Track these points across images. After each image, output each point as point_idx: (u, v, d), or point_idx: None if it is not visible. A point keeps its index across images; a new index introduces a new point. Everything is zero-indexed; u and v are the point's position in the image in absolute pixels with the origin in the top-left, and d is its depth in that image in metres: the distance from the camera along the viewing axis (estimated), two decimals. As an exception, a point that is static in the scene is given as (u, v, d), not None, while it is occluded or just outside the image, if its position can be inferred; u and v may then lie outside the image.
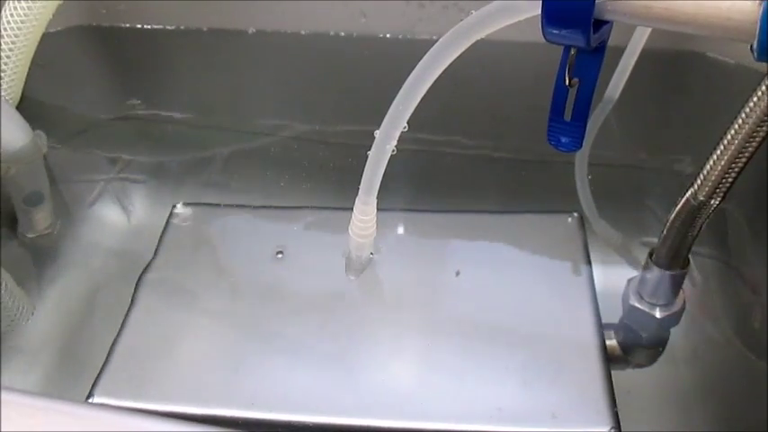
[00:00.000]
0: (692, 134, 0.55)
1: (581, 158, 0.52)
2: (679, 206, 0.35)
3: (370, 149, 0.36)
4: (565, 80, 0.29)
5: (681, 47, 0.54)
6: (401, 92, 0.33)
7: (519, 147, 0.57)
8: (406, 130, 0.33)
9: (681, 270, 0.38)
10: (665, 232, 0.37)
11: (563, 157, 0.52)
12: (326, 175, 0.55)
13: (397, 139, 0.34)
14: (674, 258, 0.37)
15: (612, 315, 0.42)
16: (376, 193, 0.38)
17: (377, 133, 0.34)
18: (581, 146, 0.31)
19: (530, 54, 0.52)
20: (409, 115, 0.33)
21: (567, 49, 0.29)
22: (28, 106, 0.57)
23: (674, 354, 0.43)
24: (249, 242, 0.46)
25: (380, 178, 0.36)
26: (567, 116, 0.31)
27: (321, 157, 0.57)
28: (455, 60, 0.32)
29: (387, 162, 0.35)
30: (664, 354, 0.43)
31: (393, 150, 0.35)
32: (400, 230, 0.46)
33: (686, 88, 0.55)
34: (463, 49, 0.30)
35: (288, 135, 0.59)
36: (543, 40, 0.28)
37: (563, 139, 0.31)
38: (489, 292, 0.42)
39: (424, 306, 0.42)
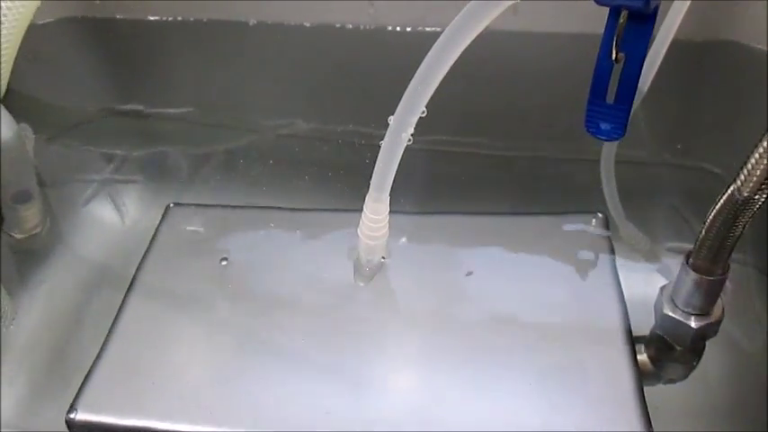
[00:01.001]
0: (725, 129, 0.52)
1: (607, 154, 0.49)
2: (720, 203, 0.32)
3: (379, 148, 0.33)
4: (611, 54, 0.26)
5: (713, 36, 0.51)
6: (419, 70, 0.29)
7: (536, 144, 0.54)
8: (424, 115, 0.30)
9: (720, 275, 0.35)
10: (703, 233, 0.34)
11: (584, 155, 0.50)
12: (331, 174, 0.53)
13: (413, 126, 0.30)
14: (713, 262, 0.35)
15: (642, 326, 0.39)
16: (389, 190, 0.34)
17: (391, 120, 0.31)
18: (624, 133, 0.28)
19: (547, 46, 0.50)
20: (428, 98, 0.29)
21: (614, 16, 0.25)
22: (16, 100, 0.55)
23: (705, 367, 0.40)
24: (248, 245, 0.44)
25: (394, 172, 0.33)
26: (610, 98, 0.27)
27: (326, 156, 0.55)
28: (468, 54, 0.30)
29: (401, 154, 0.32)
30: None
31: (408, 140, 0.31)
32: (413, 234, 0.44)
33: (718, 79, 0.52)
34: (491, 19, 0.26)
35: (291, 133, 0.57)
36: (559, 30, 0.25)
37: (603, 126, 0.28)
38: (508, 299, 0.40)
39: (440, 315, 0.39)
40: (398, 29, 0.56)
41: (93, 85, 0.62)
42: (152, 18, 0.61)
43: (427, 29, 0.56)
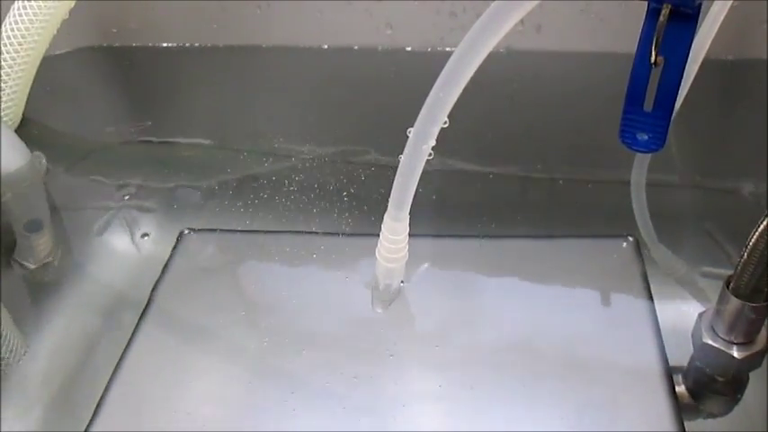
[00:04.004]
0: (757, 150, 0.50)
1: (637, 174, 0.47)
2: (763, 225, 0.30)
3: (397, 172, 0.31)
4: (650, 57, 0.24)
5: (744, 55, 0.50)
6: (442, 74, 0.27)
7: (560, 165, 0.52)
8: (446, 125, 0.28)
9: (765, 302, 0.33)
10: (745, 257, 0.32)
11: (610, 176, 0.48)
12: (348, 199, 0.52)
13: (435, 137, 0.29)
14: (756, 287, 0.33)
15: (679, 355, 0.37)
16: (409, 207, 0.32)
17: (410, 132, 0.29)
18: (663, 144, 0.26)
19: (569, 66, 0.48)
20: (452, 104, 0.28)
21: (653, 16, 0.24)
22: (32, 129, 0.56)
23: (748, 401, 0.38)
24: (263, 270, 0.43)
25: (414, 188, 0.31)
26: (648, 106, 0.25)
27: (343, 180, 0.54)
28: (490, 75, 0.28)
29: (422, 168, 0.30)
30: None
31: (430, 154, 0.29)
32: (433, 258, 0.42)
33: (751, 98, 0.50)
34: (521, 17, 0.25)
35: (307, 158, 0.56)
36: (577, 49, 0.23)
37: (640, 136, 0.26)
38: (535, 328, 0.38)
39: (462, 345, 0.38)
40: (417, 49, 0.55)
41: (109, 112, 0.61)
42: (168, 45, 0.61)
43: (446, 49, 0.55)
